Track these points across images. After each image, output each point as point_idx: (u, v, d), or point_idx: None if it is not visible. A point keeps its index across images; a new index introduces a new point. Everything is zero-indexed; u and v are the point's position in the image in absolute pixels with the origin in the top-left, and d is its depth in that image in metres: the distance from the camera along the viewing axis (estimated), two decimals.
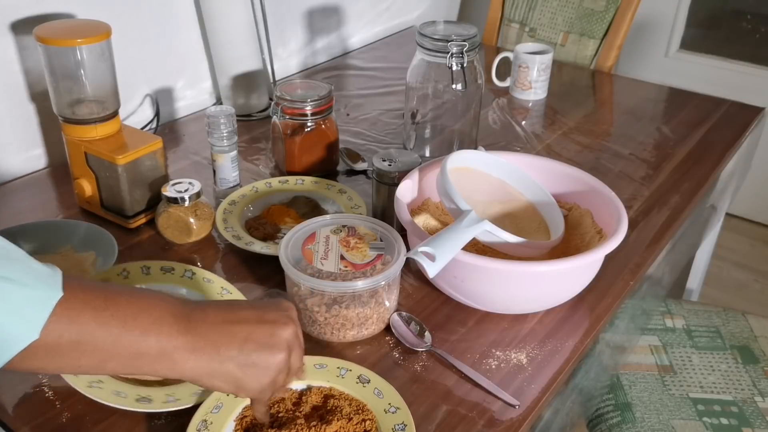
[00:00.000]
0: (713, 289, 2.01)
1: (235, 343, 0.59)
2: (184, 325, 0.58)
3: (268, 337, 0.61)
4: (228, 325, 0.60)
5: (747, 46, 2.26)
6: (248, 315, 0.62)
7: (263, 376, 0.61)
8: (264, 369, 0.60)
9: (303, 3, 1.58)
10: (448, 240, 0.75)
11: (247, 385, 0.60)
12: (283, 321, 0.63)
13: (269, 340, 0.61)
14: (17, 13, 1.09)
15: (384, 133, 1.31)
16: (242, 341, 0.60)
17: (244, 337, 0.60)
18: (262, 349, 0.60)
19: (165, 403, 0.70)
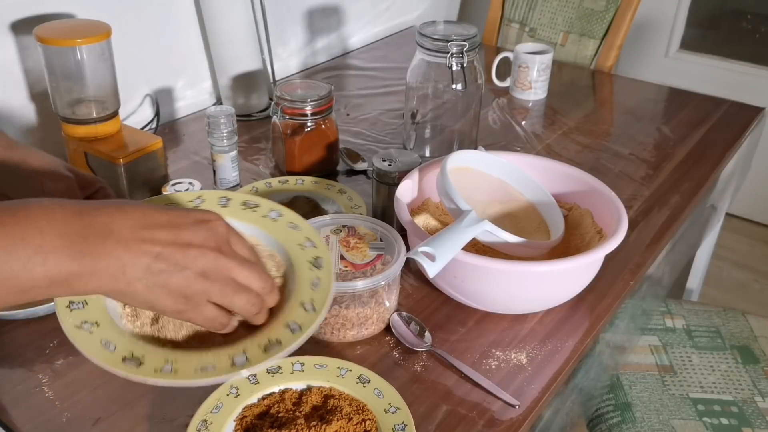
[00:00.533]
0: (713, 289, 2.01)
1: (144, 260, 0.53)
2: (79, 247, 0.50)
3: (181, 258, 0.54)
4: (136, 243, 0.53)
5: (747, 46, 2.26)
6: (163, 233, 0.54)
7: (176, 300, 0.55)
8: (175, 293, 0.55)
9: (303, 3, 1.58)
10: (448, 240, 0.75)
11: (160, 306, 0.55)
12: (201, 243, 0.56)
13: (181, 261, 0.54)
14: (17, 13, 1.09)
15: (384, 133, 1.31)
16: (151, 259, 0.53)
17: (153, 254, 0.53)
18: (173, 270, 0.54)
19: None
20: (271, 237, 0.71)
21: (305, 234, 0.70)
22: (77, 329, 0.59)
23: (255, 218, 0.72)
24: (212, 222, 0.58)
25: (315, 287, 0.65)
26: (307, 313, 0.62)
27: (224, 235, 0.58)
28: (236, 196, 0.74)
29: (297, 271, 0.67)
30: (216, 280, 0.56)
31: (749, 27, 2.26)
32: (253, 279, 0.59)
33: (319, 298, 0.63)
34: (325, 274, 0.66)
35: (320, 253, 0.68)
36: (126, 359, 0.57)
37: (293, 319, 0.62)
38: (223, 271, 0.57)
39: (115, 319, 0.62)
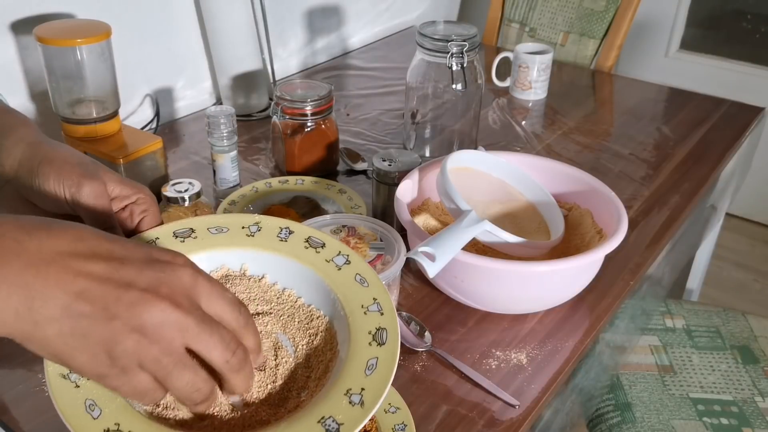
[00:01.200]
0: (713, 289, 2.01)
1: (61, 297, 0.39)
2: None
3: (112, 301, 0.40)
4: (56, 271, 0.40)
5: (747, 46, 2.26)
6: (97, 266, 0.41)
7: (97, 358, 0.41)
8: (96, 349, 0.40)
9: (303, 3, 1.58)
10: (448, 240, 0.75)
11: (75, 363, 0.41)
12: (145, 286, 0.41)
13: (112, 306, 0.40)
14: (17, 13, 1.09)
15: (384, 133, 1.31)
16: (72, 297, 0.40)
17: (76, 291, 0.40)
18: (98, 316, 0.40)
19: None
20: (331, 290, 0.55)
21: (374, 293, 0.54)
22: (62, 379, 0.47)
23: (316, 261, 0.57)
24: (172, 265, 0.43)
25: (369, 371, 0.48)
26: (352, 408, 0.46)
27: (186, 284, 0.43)
28: (301, 229, 0.60)
29: (352, 343, 0.51)
30: (156, 341, 0.41)
31: (749, 27, 2.26)
32: (215, 349, 0.43)
33: (373, 389, 0.47)
34: (387, 354, 0.49)
35: (386, 324, 0.52)
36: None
37: (331, 414, 0.46)
38: (170, 332, 0.42)
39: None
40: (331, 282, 0.56)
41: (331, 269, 0.56)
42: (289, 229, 0.59)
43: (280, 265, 0.57)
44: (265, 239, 0.58)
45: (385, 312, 0.53)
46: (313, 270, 0.56)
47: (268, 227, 0.59)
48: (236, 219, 0.60)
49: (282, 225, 0.60)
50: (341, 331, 0.53)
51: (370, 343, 0.50)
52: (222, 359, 0.44)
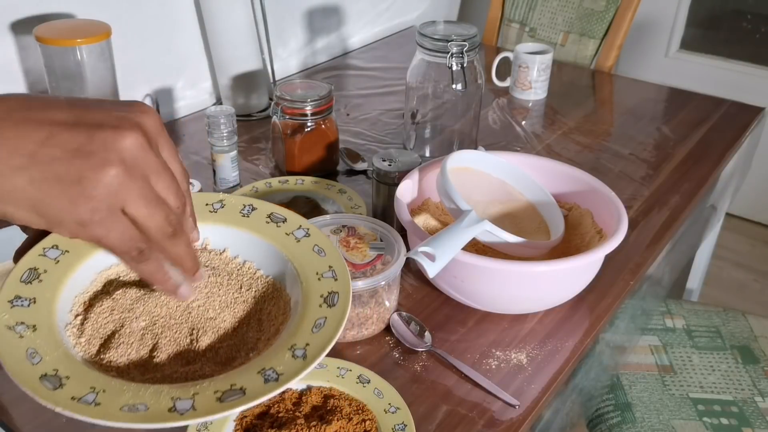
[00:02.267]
0: (713, 289, 2.01)
1: (26, 146, 0.39)
2: None
3: (85, 141, 0.40)
4: (15, 123, 0.39)
5: (747, 46, 2.26)
6: (60, 113, 0.40)
7: (75, 202, 0.40)
8: (77, 186, 0.40)
9: (303, 3, 1.58)
10: (448, 240, 0.75)
11: (50, 210, 0.40)
12: (116, 123, 0.41)
13: (85, 146, 0.40)
14: (17, 13, 1.09)
15: (384, 133, 1.31)
16: (37, 144, 0.39)
17: (41, 138, 0.39)
18: (72, 157, 0.39)
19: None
20: (288, 260, 0.59)
21: (330, 261, 0.58)
22: (7, 330, 0.48)
23: (276, 234, 0.61)
24: (138, 105, 0.44)
25: (316, 329, 0.51)
26: (294, 360, 0.49)
27: (154, 127, 0.44)
28: (264, 206, 0.63)
29: (304, 306, 0.54)
30: (136, 177, 0.41)
31: (749, 27, 2.26)
32: (172, 193, 0.44)
33: (316, 345, 0.50)
34: (335, 315, 0.53)
35: (339, 288, 0.55)
36: (45, 377, 0.47)
37: (272, 366, 0.49)
38: (145, 168, 0.42)
39: (60, 329, 0.51)
40: (289, 253, 0.59)
41: (290, 242, 0.60)
42: (252, 206, 0.62)
43: (240, 239, 0.59)
44: (227, 215, 0.61)
45: (339, 278, 0.56)
46: (271, 243, 0.60)
47: (231, 204, 0.62)
48: (200, 197, 0.62)
49: (246, 203, 0.62)
50: (295, 297, 0.56)
51: (320, 305, 0.54)
52: (176, 204, 0.45)
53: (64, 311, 0.53)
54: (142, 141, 0.41)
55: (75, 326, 0.53)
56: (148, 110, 0.44)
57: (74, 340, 0.52)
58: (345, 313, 0.53)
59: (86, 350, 0.52)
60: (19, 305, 0.50)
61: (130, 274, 0.57)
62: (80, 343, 0.52)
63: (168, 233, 0.45)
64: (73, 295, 0.54)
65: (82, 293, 0.55)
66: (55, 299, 0.52)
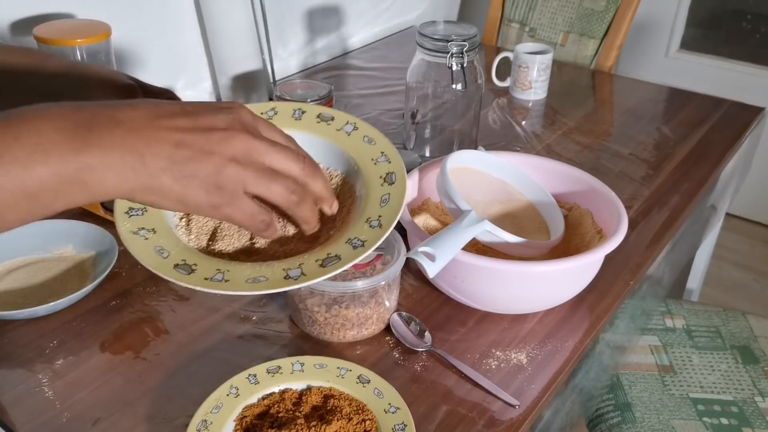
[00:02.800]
0: (713, 289, 2.01)
1: (164, 149, 0.48)
2: (84, 139, 0.46)
3: (205, 143, 0.50)
4: (151, 131, 0.49)
5: (747, 46, 2.26)
6: (181, 120, 0.50)
7: (209, 191, 0.51)
8: (206, 182, 0.50)
9: (303, 3, 1.58)
10: (448, 240, 0.75)
11: (193, 201, 0.51)
12: (225, 126, 0.52)
13: (206, 146, 0.50)
14: (17, 13, 1.09)
15: (384, 133, 1.31)
16: (172, 147, 0.49)
17: (173, 142, 0.49)
18: (200, 156, 0.50)
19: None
20: (344, 152, 0.67)
21: (381, 148, 0.67)
22: (133, 235, 0.58)
23: (329, 132, 0.68)
24: (234, 108, 0.54)
25: (384, 203, 0.61)
26: (372, 230, 0.58)
27: (250, 120, 0.54)
28: (311, 108, 0.70)
29: (368, 187, 0.63)
30: (248, 164, 0.52)
31: (749, 27, 2.26)
32: (291, 162, 0.54)
33: (387, 215, 0.60)
34: (397, 190, 0.62)
35: (394, 168, 0.64)
36: (178, 266, 0.56)
37: (356, 236, 0.58)
38: (255, 155, 0.52)
39: (173, 229, 0.61)
40: (343, 146, 0.67)
41: (342, 136, 0.68)
42: (302, 110, 0.70)
43: (300, 140, 0.64)
44: (281, 120, 0.69)
45: (392, 160, 0.65)
46: (326, 139, 0.68)
47: (282, 110, 0.70)
48: (254, 107, 0.68)
49: (295, 107, 0.70)
50: (358, 182, 0.65)
51: (381, 184, 0.63)
52: (299, 167, 0.55)
53: (169, 216, 0.61)
54: (245, 136, 0.52)
55: (182, 227, 0.62)
56: (241, 107, 0.54)
57: (186, 237, 0.61)
58: (404, 188, 0.62)
59: (197, 244, 0.61)
60: (134, 214, 0.60)
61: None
62: (191, 239, 0.61)
63: (293, 201, 0.55)
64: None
65: None
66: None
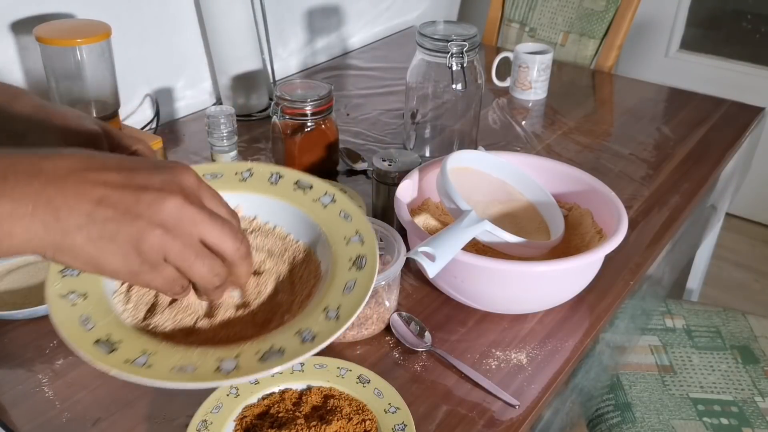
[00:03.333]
0: (713, 289, 2.01)
1: (83, 206, 0.44)
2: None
3: (133, 202, 0.45)
4: (74, 183, 0.44)
5: (747, 46, 2.26)
6: (111, 175, 0.45)
7: (128, 257, 0.45)
8: (126, 248, 0.45)
9: (303, 3, 1.58)
10: (448, 240, 0.75)
11: (106, 265, 0.46)
12: (159, 186, 0.45)
13: (133, 207, 0.44)
14: (17, 13, 1.09)
15: (384, 133, 1.31)
16: (93, 204, 0.44)
17: (96, 198, 0.44)
18: (122, 218, 0.44)
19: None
20: (317, 226, 0.61)
21: (356, 226, 0.61)
22: (60, 298, 0.52)
23: (304, 201, 0.63)
24: (177, 168, 0.47)
25: (347, 291, 0.54)
26: (328, 322, 0.51)
27: (192, 184, 0.48)
28: (290, 173, 0.65)
29: (334, 269, 0.57)
30: (178, 235, 0.46)
31: (749, 27, 2.26)
32: (227, 239, 0.48)
33: (348, 306, 0.53)
34: (364, 276, 0.55)
35: (366, 251, 0.57)
36: (99, 342, 0.50)
37: (308, 326, 0.51)
38: (188, 225, 0.46)
39: (108, 296, 0.55)
40: (317, 218, 0.62)
41: (317, 207, 0.63)
42: (279, 174, 0.65)
43: (270, 207, 0.62)
44: (256, 183, 0.64)
45: (365, 242, 0.59)
46: (300, 209, 0.63)
47: (259, 172, 0.65)
48: (230, 166, 0.65)
49: (273, 170, 0.65)
50: (325, 261, 0.59)
51: (350, 268, 0.56)
52: (234, 247, 0.49)
53: (109, 281, 0.55)
54: (181, 202, 0.46)
55: (121, 293, 0.56)
56: (186, 170, 0.48)
57: (122, 307, 0.55)
58: (373, 274, 0.55)
59: (134, 316, 0.54)
60: (69, 274, 0.54)
61: None
62: (127, 309, 0.55)
63: (212, 284, 0.50)
64: None
65: None
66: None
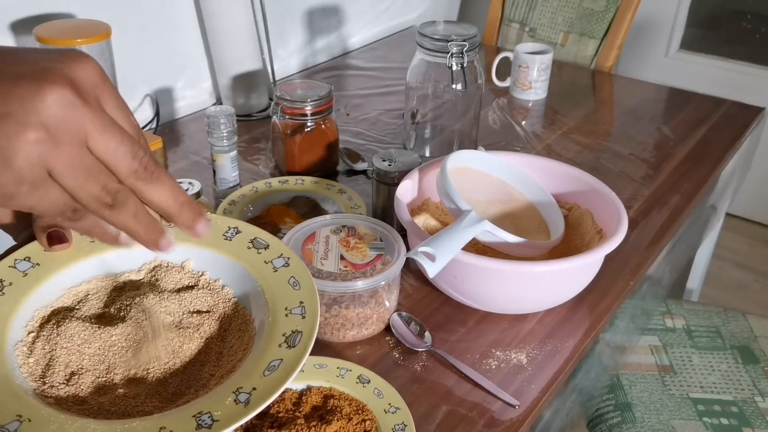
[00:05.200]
0: (713, 289, 2.01)
1: None
2: None
3: (1, 99, 0.34)
4: None
5: (747, 46, 2.26)
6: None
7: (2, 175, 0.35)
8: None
9: (303, 3, 1.58)
10: (448, 240, 0.75)
11: None
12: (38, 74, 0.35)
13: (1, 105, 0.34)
14: (17, 13, 1.09)
15: (384, 133, 1.31)
16: None
17: None
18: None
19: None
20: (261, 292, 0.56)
21: (302, 296, 0.55)
22: None
23: (255, 261, 0.58)
24: (75, 55, 0.37)
25: (268, 372, 0.49)
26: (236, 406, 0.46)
27: (90, 79, 0.37)
28: (249, 229, 0.60)
29: (263, 345, 0.51)
30: (62, 142, 0.35)
31: (749, 27, 2.26)
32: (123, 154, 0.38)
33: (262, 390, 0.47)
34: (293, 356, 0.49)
35: (303, 327, 0.52)
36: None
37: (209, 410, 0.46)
38: (75, 128, 0.36)
39: (9, 348, 0.49)
40: (264, 283, 0.56)
41: (267, 270, 0.57)
42: (237, 229, 0.60)
43: (220, 264, 0.57)
44: (210, 237, 0.56)
45: (307, 316, 0.53)
46: (249, 270, 0.57)
47: (216, 225, 0.59)
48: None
49: (231, 225, 0.60)
50: (260, 333, 0.53)
51: (280, 344, 0.50)
52: (129, 167, 0.38)
53: (18, 328, 0.50)
54: (70, 96, 0.35)
55: (26, 344, 0.50)
56: (84, 58, 0.37)
57: (22, 360, 0.49)
58: (303, 356, 0.49)
59: (32, 371, 0.49)
60: None
61: (99, 293, 0.55)
62: (28, 363, 0.49)
63: (105, 203, 0.39)
64: (34, 309, 0.52)
65: (43, 307, 0.52)
66: (11, 315, 0.49)
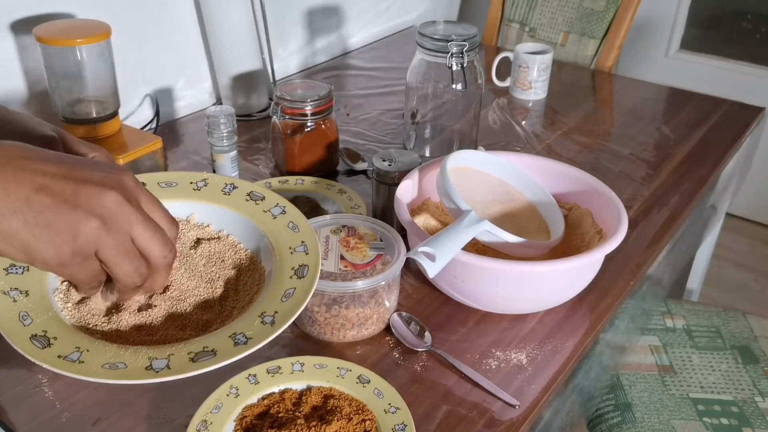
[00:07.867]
0: (713, 289, 2.01)
1: (22, 190, 0.44)
2: None
3: (72, 193, 0.45)
4: (14, 170, 0.44)
5: (747, 46, 2.26)
6: (52, 166, 0.46)
7: (60, 248, 0.46)
8: (62, 234, 0.45)
9: (303, 3, 1.58)
10: (448, 240, 0.75)
11: (38, 252, 0.46)
12: (99, 181, 0.47)
13: (72, 198, 0.45)
14: (17, 13, 1.09)
15: (384, 133, 1.31)
16: (32, 191, 0.44)
17: (36, 186, 0.44)
18: (61, 207, 0.45)
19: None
20: (264, 235, 0.64)
21: (302, 237, 0.63)
22: (2, 294, 0.54)
23: (254, 211, 0.66)
24: (118, 168, 0.49)
25: (285, 299, 0.56)
26: (263, 326, 0.53)
27: (131, 185, 0.49)
28: (244, 185, 0.68)
29: (277, 277, 0.59)
30: (113, 230, 0.47)
31: (749, 27, 2.26)
32: (156, 244, 0.49)
33: (284, 312, 0.55)
34: (304, 285, 0.58)
35: (309, 261, 0.60)
36: (35, 336, 0.52)
37: (243, 330, 0.54)
38: (124, 222, 0.47)
39: (50, 294, 0.56)
40: (265, 228, 0.65)
41: (267, 218, 0.66)
42: (233, 185, 0.68)
43: (222, 216, 0.64)
44: (210, 193, 0.67)
45: (310, 252, 0.62)
46: (250, 219, 0.66)
47: (214, 183, 0.67)
48: (185, 175, 0.68)
49: (227, 181, 0.68)
50: (269, 269, 0.61)
51: (291, 276, 0.59)
52: (160, 254, 0.50)
53: (54, 277, 0.57)
54: (120, 198, 0.47)
55: (62, 291, 0.57)
56: (126, 171, 0.49)
57: (62, 305, 0.57)
58: (313, 283, 0.57)
59: (73, 314, 0.56)
60: (13, 273, 0.56)
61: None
62: (67, 307, 0.57)
63: (132, 284, 0.50)
64: None
65: None
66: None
